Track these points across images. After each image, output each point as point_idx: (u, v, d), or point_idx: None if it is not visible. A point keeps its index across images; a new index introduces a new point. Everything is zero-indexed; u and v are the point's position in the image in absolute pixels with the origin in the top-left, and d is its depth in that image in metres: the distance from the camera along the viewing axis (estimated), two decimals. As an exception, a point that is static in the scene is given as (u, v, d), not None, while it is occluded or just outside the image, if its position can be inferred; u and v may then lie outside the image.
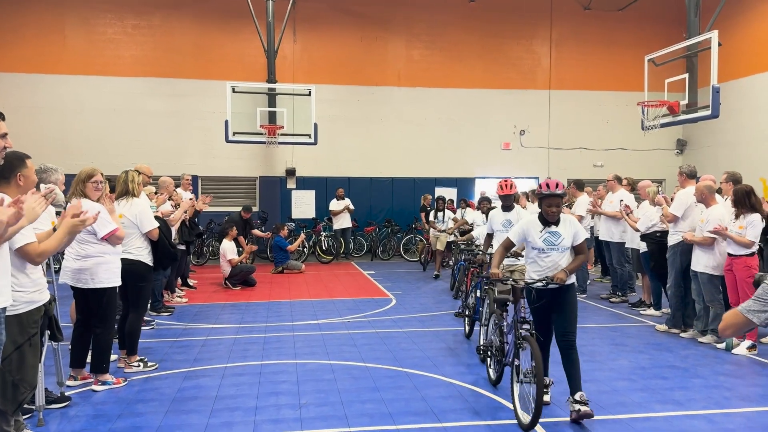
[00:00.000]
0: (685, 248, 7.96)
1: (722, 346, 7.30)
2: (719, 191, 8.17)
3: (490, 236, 6.87)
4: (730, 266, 7.12)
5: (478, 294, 6.86)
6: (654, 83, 13.17)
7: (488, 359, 5.59)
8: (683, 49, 12.38)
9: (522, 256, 6.13)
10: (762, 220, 7.13)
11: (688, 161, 18.11)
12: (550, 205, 4.60)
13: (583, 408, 4.44)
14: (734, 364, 6.66)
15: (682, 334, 8.15)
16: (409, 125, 18.02)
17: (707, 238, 7.36)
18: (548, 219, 4.66)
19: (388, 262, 16.32)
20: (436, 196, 12.72)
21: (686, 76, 12.43)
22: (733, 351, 7.05)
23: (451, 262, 12.41)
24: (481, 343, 6.19)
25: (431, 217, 12.38)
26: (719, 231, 7.04)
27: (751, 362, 6.70)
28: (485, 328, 6.28)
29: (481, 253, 7.12)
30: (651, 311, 9.44)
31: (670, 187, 12.73)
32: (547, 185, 4.61)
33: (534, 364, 4.31)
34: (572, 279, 4.66)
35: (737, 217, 7.12)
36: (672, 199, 8.53)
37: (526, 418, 4.45)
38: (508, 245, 4.97)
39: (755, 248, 7.03)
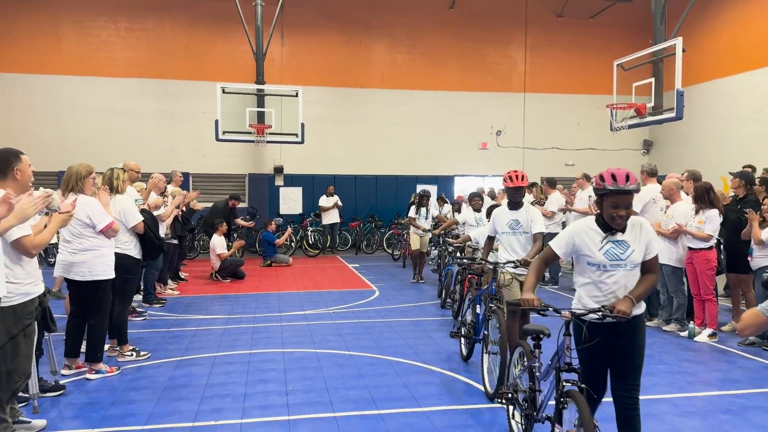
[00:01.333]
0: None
1: (685, 334, 7.37)
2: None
3: (491, 239, 5.63)
4: (691, 259, 7.17)
5: (478, 310, 5.62)
6: (622, 87, 13.40)
7: (511, 405, 4.01)
8: (649, 55, 12.50)
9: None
10: (719, 215, 7.15)
11: (654, 161, 18.30)
12: (618, 205, 3.05)
13: None
14: (696, 350, 6.74)
15: (648, 323, 7.57)
16: (392, 126, 18.15)
17: (672, 230, 7.38)
18: (613, 225, 3.12)
19: (372, 255, 16.45)
20: (419, 191, 12.23)
21: (652, 80, 12.60)
22: (696, 339, 7.12)
23: (440, 262, 11.27)
24: (487, 384, 4.97)
25: (412, 213, 11.50)
26: (677, 230, 7.18)
27: (711, 349, 6.77)
28: (490, 355, 5.02)
29: (478, 259, 5.80)
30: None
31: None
32: (613, 176, 3.05)
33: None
34: (640, 309, 3.15)
35: (697, 212, 7.13)
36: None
37: None
38: (549, 259, 3.54)
39: (713, 242, 7.07)
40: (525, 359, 3.74)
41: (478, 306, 5.68)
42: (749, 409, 4.80)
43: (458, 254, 7.95)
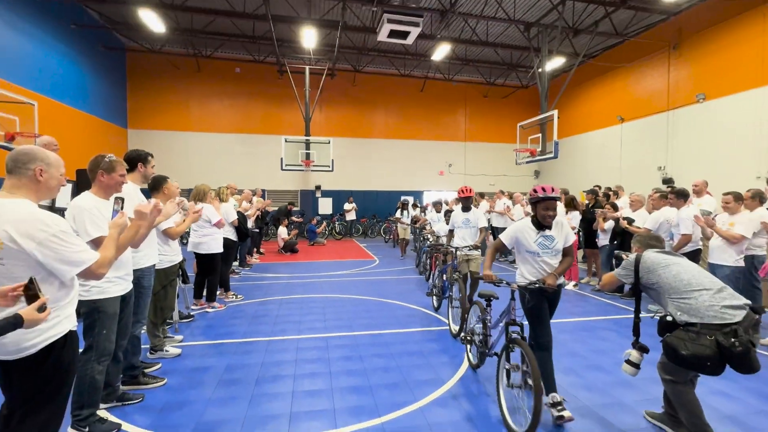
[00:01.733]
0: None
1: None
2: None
3: (451, 232, 5.34)
4: None
5: (445, 278, 5.43)
6: (522, 139, 13.69)
7: (468, 345, 3.86)
8: (538, 120, 12.48)
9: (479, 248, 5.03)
10: (580, 215, 7.33)
11: (541, 183, 18.85)
12: (548, 208, 2.96)
13: (566, 413, 2.81)
14: (565, 294, 6.35)
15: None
16: (386, 160, 18.32)
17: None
18: (544, 223, 2.98)
19: (374, 239, 16.59)
20: (401, 200, 12.33)
21: (540, 135, 12.78)
22: (566, 287, 7.03)
23: (417, 245, 10.66)
24: (453, 328, 4.65)
25: (398, 214, 11.28)
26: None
27: (574, 293, 6.85)
28: (456, 309, 4.70)
29: (444, 246, 5.51)
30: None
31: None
32: (543, 189, 2.95)
33: (530, 368, 2.58)
34: (560, 280, 3.00)
35: (567, 212, 7.33)
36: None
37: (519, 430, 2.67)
38: (499, 247, 3.24)
39: (575, 231, 7.21)
40: (480, 313, 3.52)
41: (444, 275, 5.50)
42: (597, 329, 4.90)
43: (428, 241, 7.68)
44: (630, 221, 6.36)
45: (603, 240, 6.90)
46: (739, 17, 10.53)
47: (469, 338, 3.84)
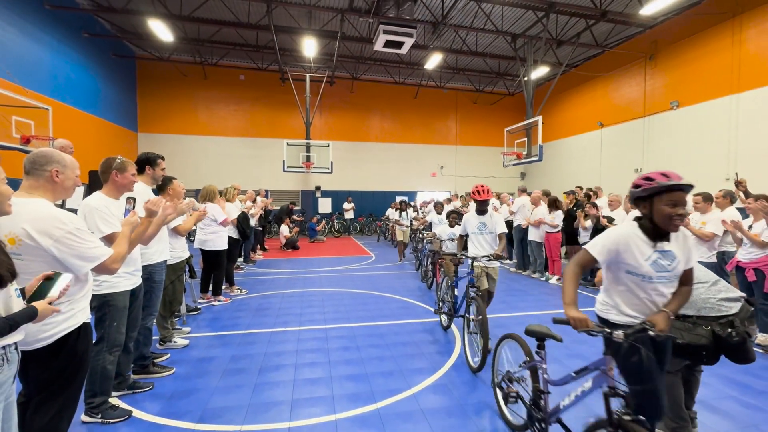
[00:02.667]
0: (523, 229, 8.05)
1: (543, 279, 7.40)
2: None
3: (462, 237, 4.23)
4: (548, 238, 7.34)
5: (456, 292, 4.20)
6: (510, 143, 13.76)
7: (505, 398, 2.47)
8: (524, 125, 12.39)
9: (506, 258, 4.22)
10: (562, 214, 7.30)
11: (526, 183, 18.97)
12: (676, 203, 1.70)
13: None
14: (549, 288, 6.78)
15: (522, 272, 8.10)
16: (381, 162, 18.28)
17: (535, 221, 7.46)
18: (669, 227, 1.75)
19: (371, 237, 16.58)
20: (399, 201, 11.03)
21: (525, 139, 12.72)
22: (549, 282, 7.21)
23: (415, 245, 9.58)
24: (471, 361, 3.50)
25: (394, 216, 10.44)
26: (540, 221, 7.35)
27: (557, 287, 6.80)
28: (474, 335, 3.59)
29: (458, 255, 4.14)
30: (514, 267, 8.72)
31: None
32: (664, 175, 1.72)
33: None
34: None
35: (550, 212, 7.31)
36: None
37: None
38: (586, 264, 1.92)
39: (559, 228, 7.24)
40: (527, 357, 2.38)
41: (455, 289, 4.25)
42: None
43: (429, 244, 6.66)
44: (610, 220, 6.37)
45: (584, 237, 6.92)
46: (710, 30, 10.62)
47: (504, 386, 2.52)
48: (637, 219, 1.91)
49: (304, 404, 2.91)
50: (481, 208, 4.08)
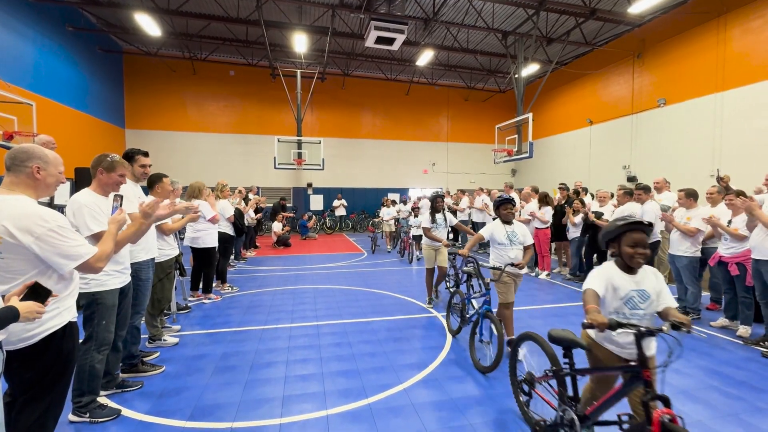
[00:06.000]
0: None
1: (533, 274, 7.41)
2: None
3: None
4: (537, 234, 7.21)
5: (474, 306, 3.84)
6: (500, 139, 13.67)
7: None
8: (515, 122, 12.46)
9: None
10: (551, 210, 7.29)
11: (516, 180, 19.22)
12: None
13: None
14: (539, 283, 6.83)
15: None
16: (373, 159, 18.22)
17: (524, 220, 7.38)
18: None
19: (362, 233, 16.58)
20: (396, 200, 11.75)
21: (516, 136, 12.71)
22: (539, 277, 7.24)
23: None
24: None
25: (385, 215, 10.87)
26: (533, 215, 7.30)
27: (547, 282, 6.91)
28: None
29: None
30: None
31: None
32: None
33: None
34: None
35: (540, 207, 7.29)
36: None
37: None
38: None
39: (548, 225, 7.21)
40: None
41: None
42: (567, 314, 4.97)
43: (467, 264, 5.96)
44: (599, 215, 6.46)
45: (574, 233, 7.03)
46: (696, 29, 10.78)
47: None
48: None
49: (295, 400, 2.91)
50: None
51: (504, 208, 3.70)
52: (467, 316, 3.96)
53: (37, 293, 1.54)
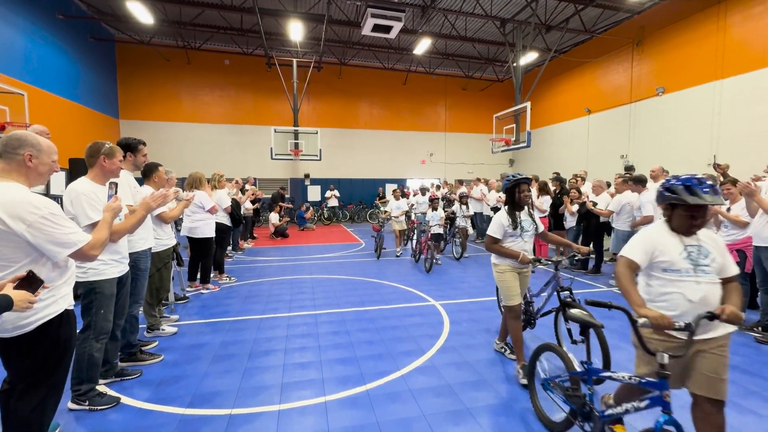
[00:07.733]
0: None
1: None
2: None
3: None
4: None
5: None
6: (498, 129, 13.66)
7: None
8: (513, 111, 12.40)
9: (539, 263, 3.18)
10: (550, 199, 7.36)
11: (515, 170, 19.26)
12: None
13: None
14: (537, 271, 6.57)
15: None
16: (370, 150, 18.16)
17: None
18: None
19: (360, 224, 16.59)
20: (385, 188, 11.67)
21: (514, 125, 12.69)
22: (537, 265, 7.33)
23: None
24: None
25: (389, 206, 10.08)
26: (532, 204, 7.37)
27: (545, 272, 6.58)
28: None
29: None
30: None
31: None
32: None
33: None
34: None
35: (539, 197, 7.35)
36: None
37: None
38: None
39: (546, 214, 7.24)
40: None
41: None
42: None
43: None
44: (594, 204, 6.53)
45: (571, 222, 7.09)
46: (696, 16, 10.69)
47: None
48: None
49: (294, 387, 2.93)
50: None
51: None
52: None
53: (31, 282, 1.53)
